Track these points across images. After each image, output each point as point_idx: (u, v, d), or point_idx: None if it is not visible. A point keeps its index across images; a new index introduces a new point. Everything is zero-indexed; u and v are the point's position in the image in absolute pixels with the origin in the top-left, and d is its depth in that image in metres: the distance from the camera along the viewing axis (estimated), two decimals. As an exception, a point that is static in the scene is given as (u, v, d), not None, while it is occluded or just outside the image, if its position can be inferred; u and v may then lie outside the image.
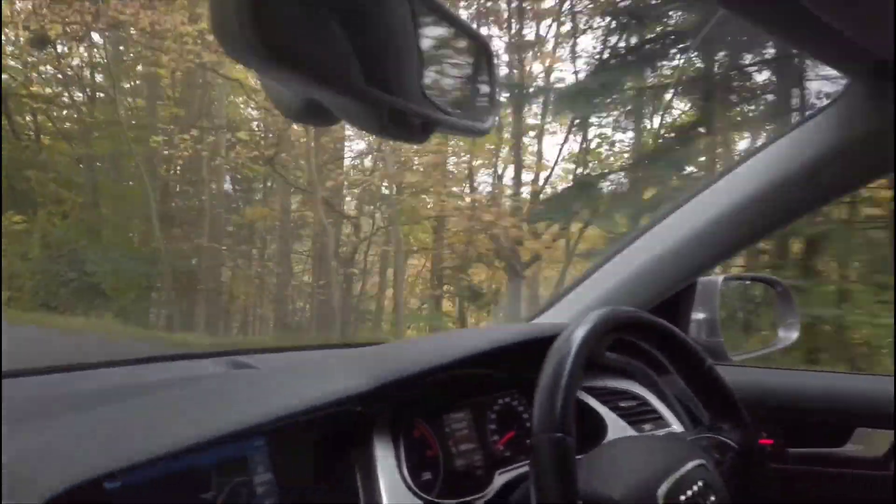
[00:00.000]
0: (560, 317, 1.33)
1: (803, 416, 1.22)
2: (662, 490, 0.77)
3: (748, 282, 1.62)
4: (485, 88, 0.58)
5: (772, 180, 1.06)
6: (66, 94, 12.41)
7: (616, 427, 1.13)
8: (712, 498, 0.83)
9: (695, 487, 0.82)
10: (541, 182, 9.63)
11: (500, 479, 0.95)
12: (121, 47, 11.89)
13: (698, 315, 1.41)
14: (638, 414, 1.20)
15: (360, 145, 11.69)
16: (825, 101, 1.01)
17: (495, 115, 0.58)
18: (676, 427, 1.24)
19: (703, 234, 1.16)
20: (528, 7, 9.30)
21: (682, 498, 0.79)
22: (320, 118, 0.48)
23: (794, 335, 1.48)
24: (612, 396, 1.20)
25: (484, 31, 8.54)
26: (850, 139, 0.98)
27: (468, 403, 1.03)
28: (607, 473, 0.80)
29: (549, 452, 0.71)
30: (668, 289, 1.24)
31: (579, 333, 0.79)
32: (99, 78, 12.29)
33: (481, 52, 0.59)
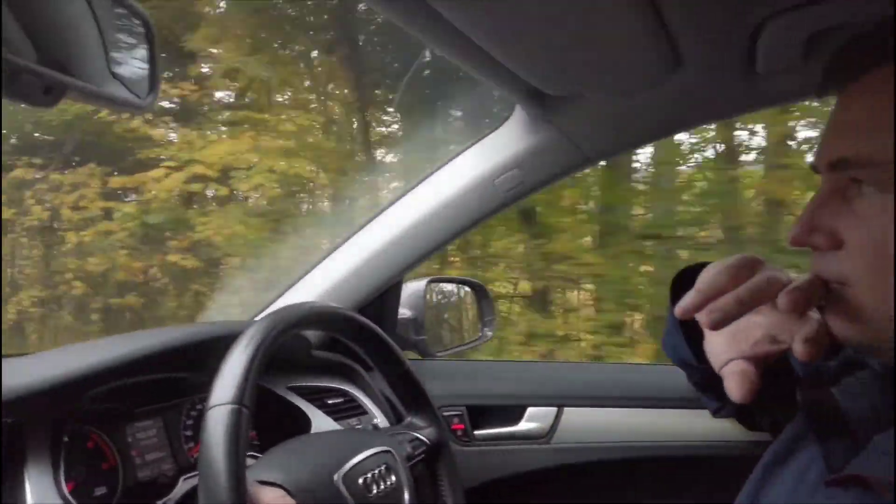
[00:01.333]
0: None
1: (489, 401, 1.37)
2: (339, 474, 0.82)
3: (453, 284, 1.78)
4: (143, 64, 0.56)
5: (460, 188, 1.18)
6: None
7: (320, 423, 1.15)
8: (393, 478, 0.90)
9: (376, 471, 0.88)
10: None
11: (185, 485, 0.91)
12: None
13: (406, 314, 1.51)
14: (344, 410, 1.25)
15: None
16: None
17: (156, 92, 0.56)
18: (381, 420, 1.31)
19: (403, 238, 1.25)
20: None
21: (361, 480, 0.84)
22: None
23: (491, 332, 1.67)
24: (320, 394, 1.23)
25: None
26: (522, 153, 1.13)
27: (159, 409, 0.97)
28: (282, 462, 0.82)
29: (221, 422, 0.69)
30: (374, 290, 1.30)
31: (263, 322, 0.80)
32: None
33: (143, 27, 0.57)
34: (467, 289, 1.74)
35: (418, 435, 1.06)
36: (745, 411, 1.05)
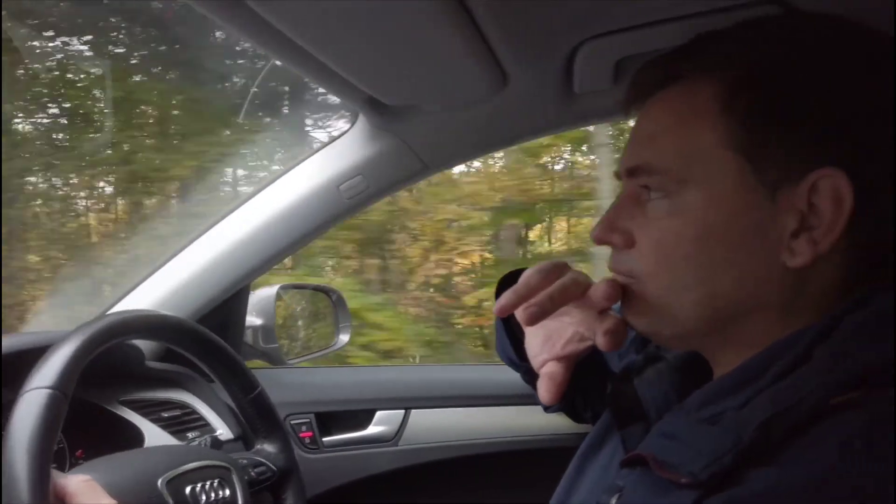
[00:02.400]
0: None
1: (338, 407, 1.37)
2: (164, 479, 0.79)
3: (306, 290, 1.76)
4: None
5: (304, 193, 1.18)
6: None
7: (155, 438, 1.10)
8: (227, 492, 0.88)
9: (208, 483, 0.86)
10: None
11: None
12: None
13: (255, 322, 1.48)
14: (182, 423, 1.19)
15: None
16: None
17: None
18: (225, 432, 1.27)
19: (246, 244, 1.22)
20: None
21: (189, 489, 0.82)
22: None
23: (347, 338, 1.66)
24: (155, 407, 1.17)
25: None
26: (365, 160, 1.15)
27: None
28: (97, 465, 0.78)
29: (35, 403, 0.65)
30: (215, 297, 1.27)
31: (83, 329, 0.76)
32: None
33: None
34: (322, 294, 1.73)
35: (267, 462, 1.04)
36: (571, 405, 1.13)
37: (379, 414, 1.37)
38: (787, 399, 0.50)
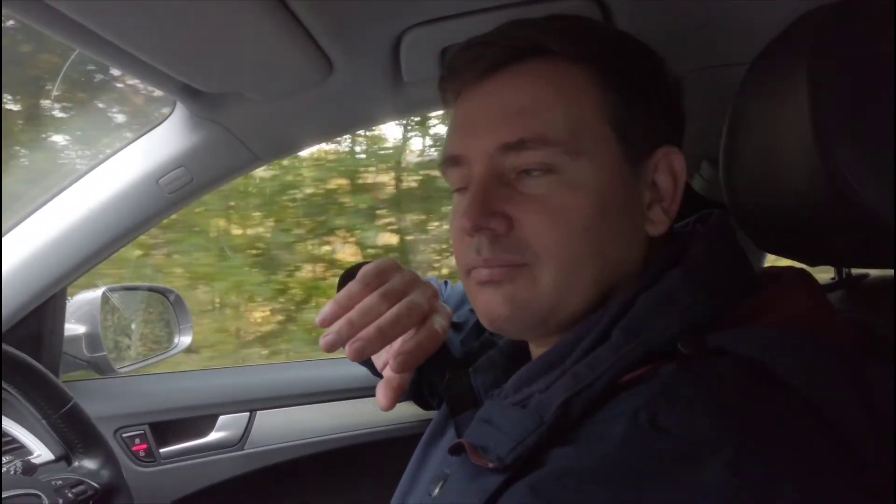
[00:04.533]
0: None
1: (176, 415, 1.29)
2: None
3: (138, 291, 1.63)
4: None
5: (119, 189, 1.08)
6: None
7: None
8: None
9: None
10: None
11: None
12: None
13: (77, 330, 1.34)
14: (-9, 447, 1.07)
15: None
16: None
17: None
18: (44, 455, 1.15)
19: (57, 245, 1.10)
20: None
21: None
22: None
23: (188, 340, 1.56)
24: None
25: None
26: (186, 151, 1.07)
27: None
28: None
29: None
30: (23, 305, 1.13)
31: None
32: None
33: None
34: (158, 296, 1.61)
35: (87, 479, 0.95)
36: (419, 393, 1.13)
37: (222, 419, 1.30)
38: (584, 379, 0.52)
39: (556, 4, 0.83)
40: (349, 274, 0.89)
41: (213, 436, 1.29)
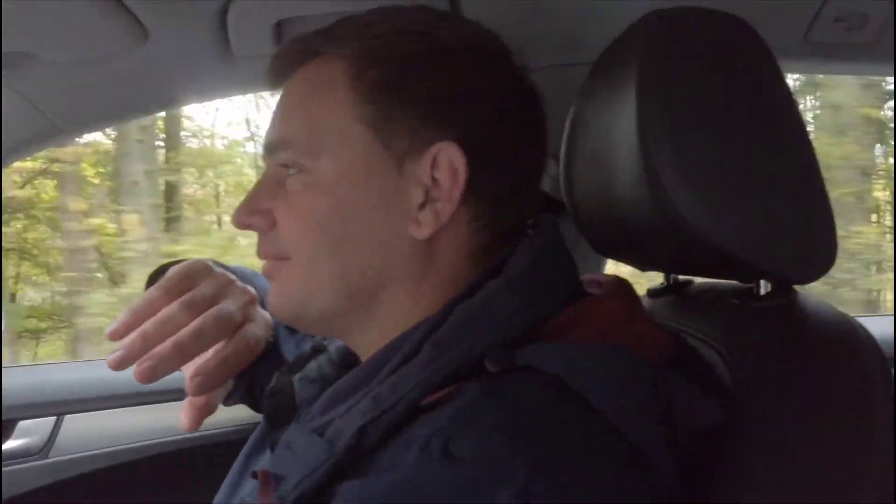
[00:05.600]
0: None
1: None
2: None
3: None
4: None
5: None
6: None
7: None
8: None
9: None
10: None
11: None
12: None
13: None
14: None
15: None
16: None
17: None
18: None
19: None
20: None
21: None
22: None
23: (-2, 330, 1.37)
24: None
25: None
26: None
27: None
28: None
29: None
30: None
31: None
32: None
33: None
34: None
35: None
36: (251, 395, 1.05)
37: (22, 424, 1.14)
38: (385, 402, 0.47)
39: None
40: (160, 272, 0.79)
41: (11, 444, 1.14)
